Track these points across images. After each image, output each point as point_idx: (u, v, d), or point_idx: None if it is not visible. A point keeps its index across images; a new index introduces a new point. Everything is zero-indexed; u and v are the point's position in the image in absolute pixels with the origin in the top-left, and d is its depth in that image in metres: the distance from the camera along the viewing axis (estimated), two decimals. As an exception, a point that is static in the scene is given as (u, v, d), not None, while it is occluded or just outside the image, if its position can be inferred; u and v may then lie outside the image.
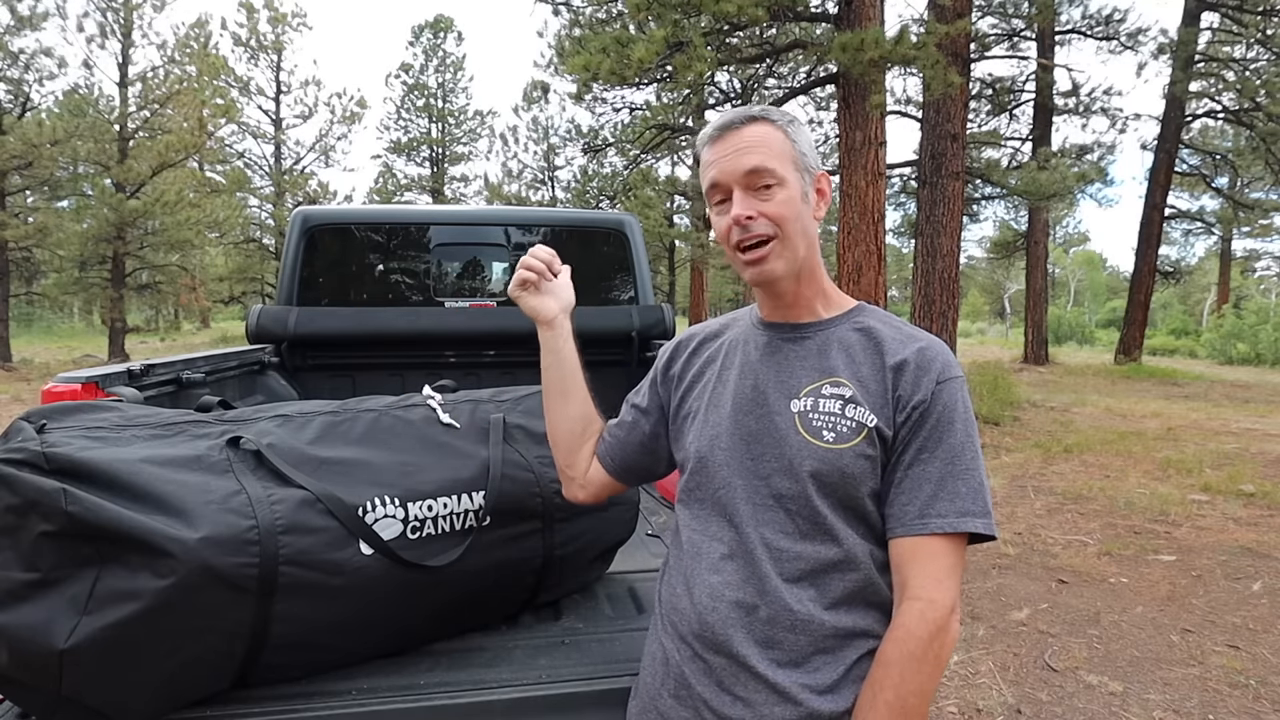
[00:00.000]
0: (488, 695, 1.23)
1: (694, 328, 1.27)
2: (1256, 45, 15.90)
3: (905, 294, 30.98)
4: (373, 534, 1.24)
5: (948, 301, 9.82)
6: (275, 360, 2.80)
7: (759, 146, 1.01)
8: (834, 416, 1.00)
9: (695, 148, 1.10)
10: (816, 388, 1.02)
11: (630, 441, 1.23)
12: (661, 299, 7.08)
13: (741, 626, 0.98)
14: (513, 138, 28.01)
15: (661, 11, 8.38)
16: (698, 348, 1.21)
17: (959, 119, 9.77)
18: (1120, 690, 2.90)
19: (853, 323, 1.07)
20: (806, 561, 0.98)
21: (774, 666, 0.97)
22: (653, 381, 1.25)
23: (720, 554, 1.03)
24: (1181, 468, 6.53)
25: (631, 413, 1.25)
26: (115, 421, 1.23)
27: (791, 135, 1.03)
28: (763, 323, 1.12)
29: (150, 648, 1.06)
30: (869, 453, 0.98)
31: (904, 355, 1.01)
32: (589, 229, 3.31)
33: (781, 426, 1.02)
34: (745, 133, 1.02)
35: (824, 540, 0.99)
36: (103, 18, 17.54)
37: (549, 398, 1.25)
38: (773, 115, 1.04)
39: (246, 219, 24.66)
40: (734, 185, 1.02)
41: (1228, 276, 31.18)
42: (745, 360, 1.10)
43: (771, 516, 1.01)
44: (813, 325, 1.08)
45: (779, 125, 1.03)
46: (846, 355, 1.04)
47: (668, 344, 1.28)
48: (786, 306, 1.09)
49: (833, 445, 0.98)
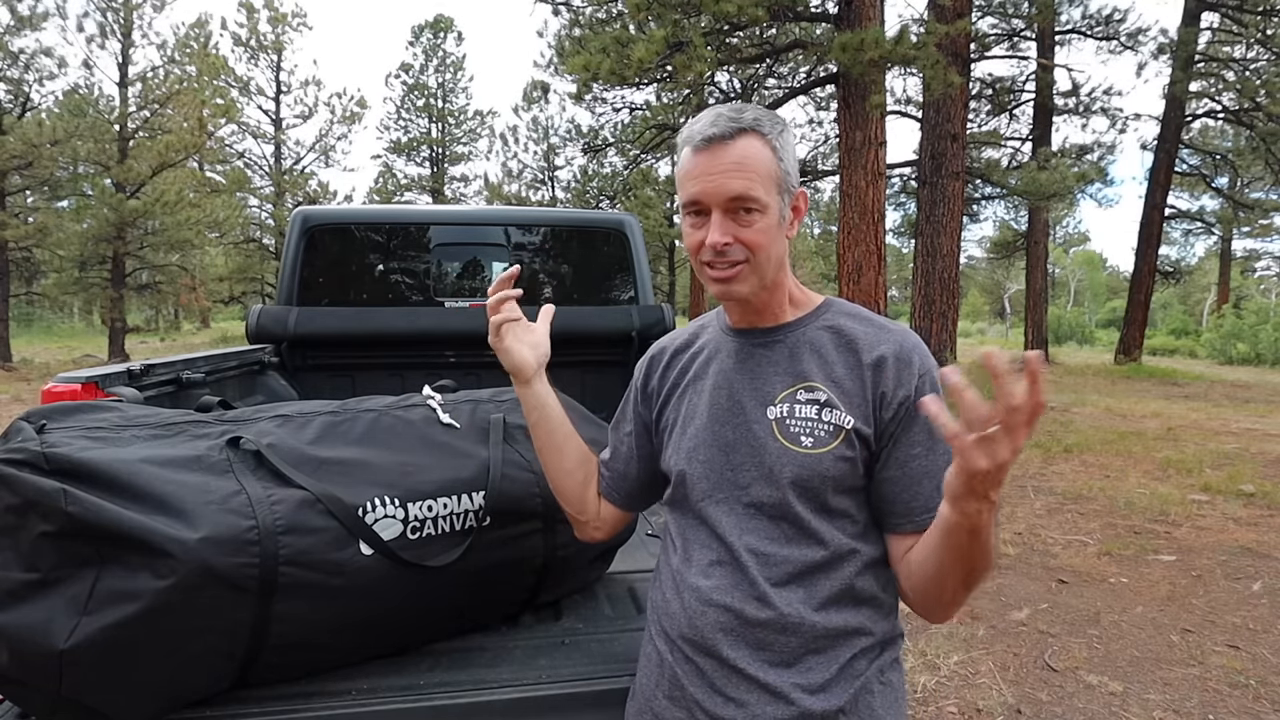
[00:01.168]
0: (488, 695, 1.23)
1: (663, 340, 1.24)
2: (1256, 45, 15.90)
3: (905, 294, 30.98)
4: (373, 534, 1.24)
5: (948, 301, 9.83)
6: (275, 360, 2.80)
7: (746, 170, 0.97)
8: (811, 421, 0.99)
9: (678, 144, 1.06)
10: (791, 393, 1.02)
11: (629, 474, 1.22)
12: (661, 299, 7.09)
13: (731, 631, 0.99)
14: (513, 138, 28.02)
15: (661, 11, 8.39)
16: (670, 360, 1.19)
17: (959, 119, 9.78)
18: (1120, 690, 2.90)
19: (821, 321, 1.06)
20: (793, 565, 0.99)
21: (765, 667, 0.97)
22: (634, 402, 1.23)
23: (708, 560, 1.03)
24: (1181, 468, 6.53)
25: (624, 442, 1.23)
26: (115, 421, 1.23)
27: (779, 152, 0.99)
28: (732, 330, 1.11)
29: (150, 648, 1.06)
30: (848, 454, 0.98)
31: (881, 351, 1.00)
32: (589, 229, 3.31)
33: (759, 434, 1.02)
34: (734, 149, 0.97)
35: (809, 543, 0.99)
36: (103, 18, 17.55)
37: (545, 455, 1.20)
38: (763, 126, 0.99)
39: (246, 219, 24.68)
40: (714, 207, 0.98)
41: (1228, 276, 31.19)
42: (719, 369, 1.09)
43: (755, 524, 1.01)
44: (781, 329, 1.07)
45: (769, 139, 0.99)
46: (819, 357, 1.03)
47: (641, 361, 1.25)
48: (754, 313, 1.08)
49: (811, 450, 0.98)
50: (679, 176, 1.04)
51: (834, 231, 17.64)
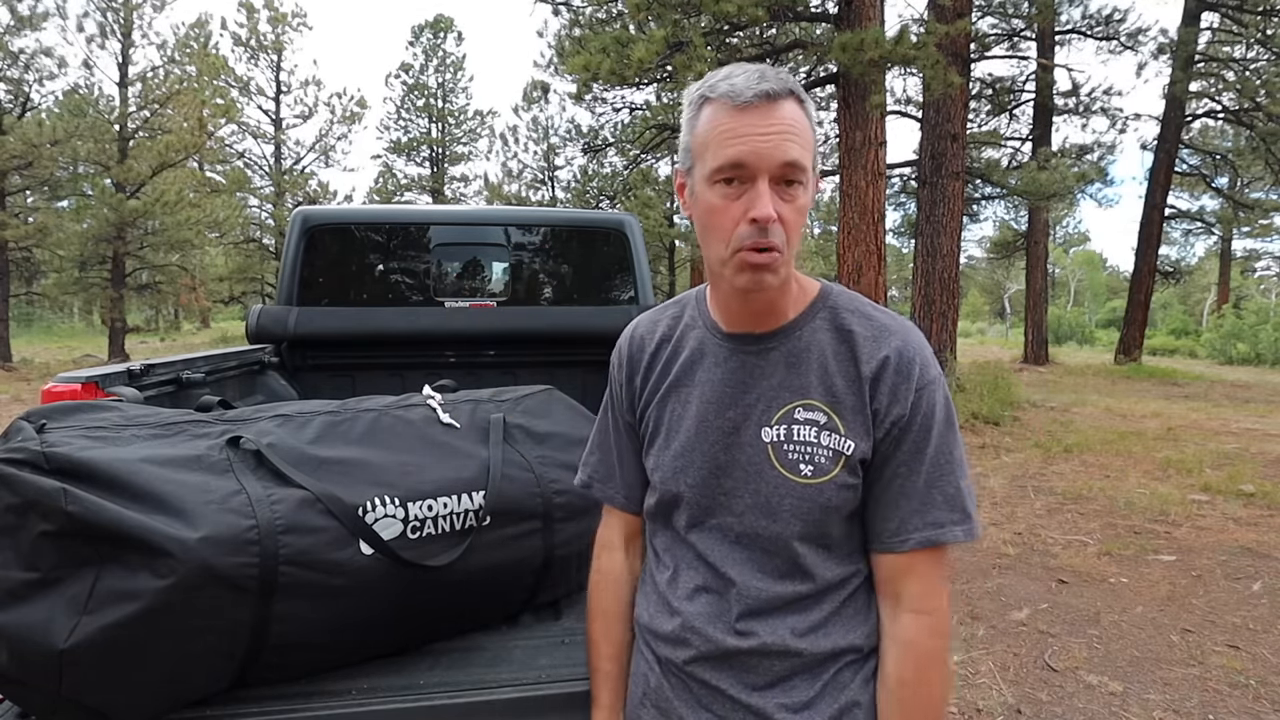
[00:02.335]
0: (488, 695, 1.22)
1: (640, 328, 1.11)
2: (1256, 45, 15.90)
3: (905, 294, 30.98)
4: (373, 534, 1.24)
5: (948, 301, 9.83)
6: (275, 360, 2.80)
7: (798, 134, 0.84)
8: (810, 446, 0.91)
9: (694, 96, 0.90)
10: (789, 412, 0.93)
11: (641, 479, 1.12)
12: (661, 299, 7.07)
13: (712, 658, 0.96)
14: (513, 138, 27.96)
15: (661, 11, 8.39)
16: (654, 355, 1.07)
17: (959, 119, 9.78)
18: (1120, 690, 2.90)
19: (820, 320, 0.96)
20: (782, 599, 0.95)
21: (748, 690, 0.95)
22: (617, 408, 1.13)
23: (694, 584, 0.99)
24: (1181, 468, 6.53)
25: (625, 449, 1.12)
26: (115, 421, 1.23)
27: (813, 124, 0.89)
28: (723, 333, 0.99)
29: (150, 648, 1.06)
30: (850, 481, 0.91)
31: (879, 359, 0.91)
32: (589, 229, 3.31)
33: (755, 460, 0.93)
34: (785, 110, 0.84)
35: (801, 578, 0.95)
36: (103, 18, 17.55)
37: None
38: (801, 93, 0.87)
39: (246, 219, 24.67)
40: (763, 174, 0.84)
41: (1228, 276, 31.20)
42: (707, 379, 0.99)
43: (747, 556, 0.96)
44: (778, 333, 0.96)
45: (806, 110, 0.87)
46: (819, 367, 0.93)
47: (618, 352, 1.13)
48: (755, 314, 0.96)
49: (812, 480, 0.91)
50: (704, 136, 0.88)
51: (834, 231, 17.67)
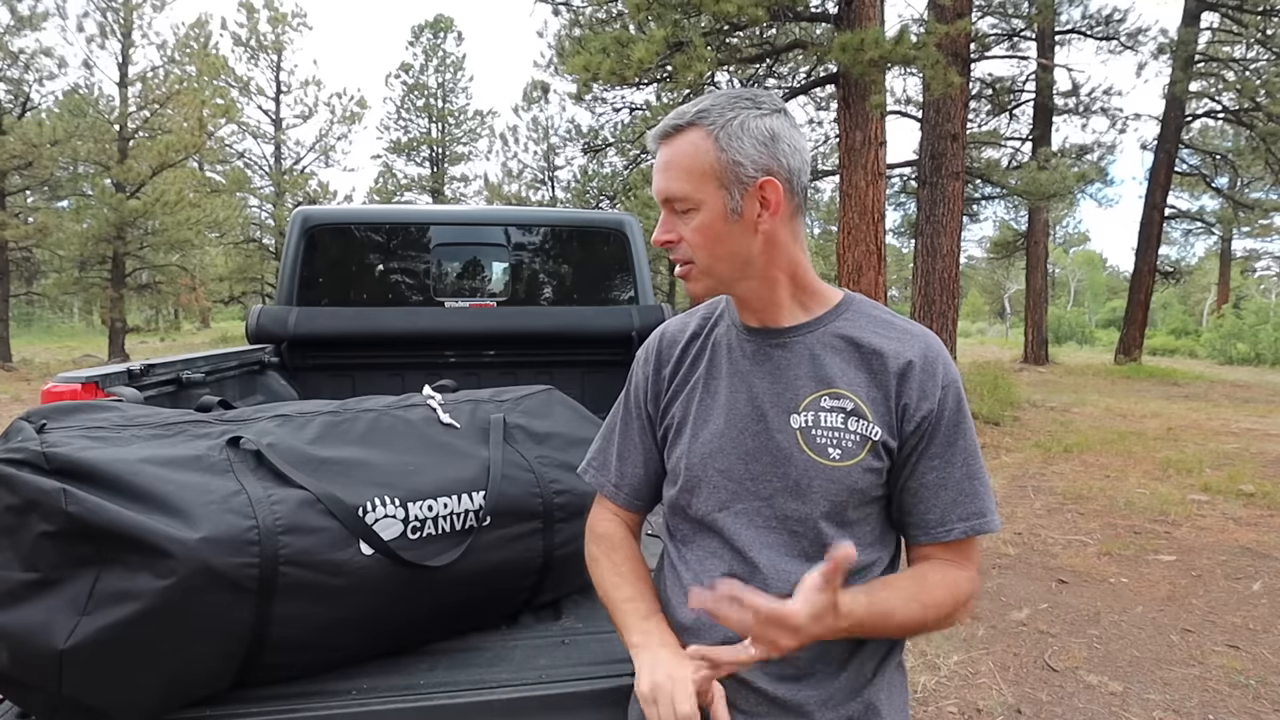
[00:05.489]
0: (488, 695, 1.22)
1: (672, 326, 1.16)
2: (1256, 45, 15.91)
3: (905, 294, 30.94)
4: (373, 534, 1.23)
5: (948, 301, 9.83)
6: (275, 360, 2.80)
7: (677, 166, 0.95)
8: (838, 431, 0.95)
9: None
10: (815, 399, 0.97)
11: (649, 477, 1.15)
12: (661, 299, 7.08)
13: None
14: (513, 138, 27.95)
15: (661, 11, 8.38)
16: (683, 350, 1.11)
17: (959, 119, 9.77)
18: (1120, 690, 2.90)
19: (840, 324, 1.00)
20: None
21: (775, 681, 0.96)
22: (640, 399, 1.14)
23: (720, 572, 0.99)
24: (1181, 468, 6.53)
25: (637, 446, 1.14)
26: (115, 421, 1.23)
27: (724, 143, 0.93)
28: (745, 327, 1.04)
29: (150, 648, 1.06)
30: (875, 465, 0.95)
31: (907, 358, 0.96)
32: (589, 229, 3.31)
33: (783, 444, 0.97)
34: (675, 144, 0.96)
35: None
36: (103, 18, 17.56)
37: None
38: (709, 118, 0.94)
39: (246, 219, 24.68)
40: (663, 204, 0.98)
41: (1228, 276, 31.20)
42: (734, 369, 1.03)
43: (775, 539, 0.98)
44: (799, 328, 1.01)
45: (712, 131, 0.93)
46: (841, 360, 0.98)
47: (647, 347, 1.17)
48: (759, 311, 1.02)
49: (840, 463, 0.94)
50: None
51: (834, 231, 17.65)
